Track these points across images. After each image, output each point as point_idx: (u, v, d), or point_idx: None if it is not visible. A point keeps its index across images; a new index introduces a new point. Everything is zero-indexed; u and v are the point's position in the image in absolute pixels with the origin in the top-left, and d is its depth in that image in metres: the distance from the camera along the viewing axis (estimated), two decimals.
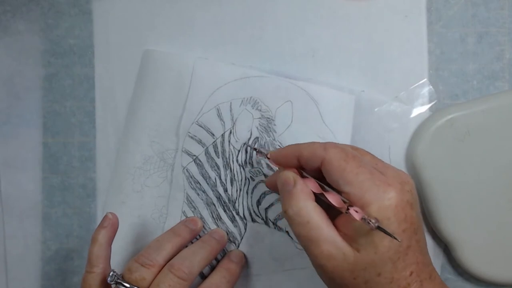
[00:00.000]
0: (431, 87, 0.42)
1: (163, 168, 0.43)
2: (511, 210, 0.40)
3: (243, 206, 0.42)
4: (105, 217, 0.38)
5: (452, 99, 0.42)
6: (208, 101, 0.42)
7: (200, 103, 0.42)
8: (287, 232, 0.42)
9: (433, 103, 0.42)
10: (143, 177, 0.43)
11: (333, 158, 0.32)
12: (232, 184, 0.42)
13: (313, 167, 0.34)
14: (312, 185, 0.33)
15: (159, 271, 0.36)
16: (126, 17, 0.44)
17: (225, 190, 0.42)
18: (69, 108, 0.44)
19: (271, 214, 0.42)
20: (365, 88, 0.42)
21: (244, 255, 0.42)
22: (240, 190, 0.42)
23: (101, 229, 0.37)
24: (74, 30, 0.44)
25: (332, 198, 0.32)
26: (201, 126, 0.42)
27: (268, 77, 0.42)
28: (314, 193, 0.33)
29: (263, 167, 0.41)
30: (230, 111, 0.42)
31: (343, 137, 0.41)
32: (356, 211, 0.30)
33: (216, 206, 0.42)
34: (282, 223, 0.41)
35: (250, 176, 0.42)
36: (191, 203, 0.42)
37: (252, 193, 0.42)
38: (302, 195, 0.33)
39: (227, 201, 0.42)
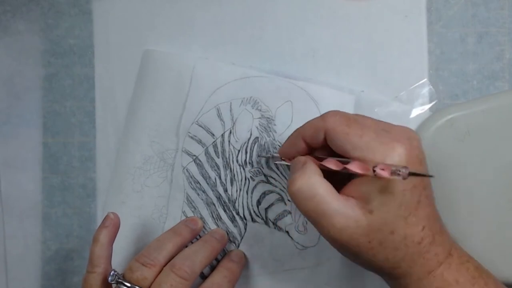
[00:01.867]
0: (431, 87, 0.42)
1: (163, 168, 0.43)
2: (511, 210, 0.40)
3: (243, 206, 0.42)
4: (106, 217, 0.38)
5: (452, 99, 0.42)
6: (208, 101, 0.42)
7: (200, 103, 0.42)
8: (287, 232, 0.42)
9: (433, 103, 0.42)
10: (143, 177, 0.43)
11: (335, 125, 0.32)
12: (232, 184, 0.42)
13: (320, 142, 0.33)
14: (332, 163, 0.33)
15: (160, 271, 0.36)
16: (126, 17, 0.44)
17: (225, 190, 0.42)
18: (69, 108, 0.44)
19: (271, 214, 0.42)
20: (365, 88, 0.42)
21: (244, 255, 0.42)
22: (240, 190, 0.42)
23: (102, 229, 0.37)
24: (74, 30, 0.44)
25: (355, 167, 0.31)
26: (201, 126, 0.42)
27: (268, 77, 0.42)
28: (326, 171, 0.33)
29: (263, 167, 0.41)
30: (230, 111, 0.42)
31: None
32: (383, 169, 0.29)
33: (216, 206, 0.42)
34: (282, 223, 0.41)
35: (250, 176, 0.42)
36: (191, 203, 0.42)
37: (252, 193, 0.42)
38: (307, 171, 0.32)
39: (227, 201, 0.42)
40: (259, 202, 0.42)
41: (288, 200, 0.41)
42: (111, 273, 0.36)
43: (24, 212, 0.45)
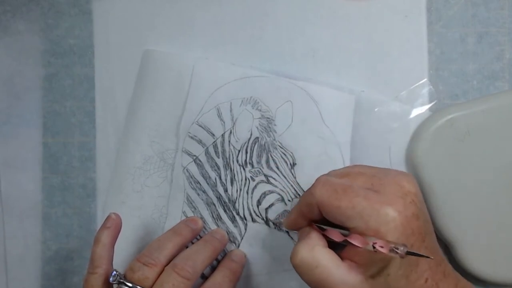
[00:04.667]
0: (431, 87, 0.42)
1: (163, 168, 0.43)
2: (511, 210, 0.40)
3: (243, 206, 0.42)
4: (108, 218, 0.38)
5: (452, 99, 0.42)
6: (208, 101, 0.42)
7: (200, 103, 0.42)
8: (287, 232, 0.42)
9: (433, 103, 0.42)
10: (143, 177, 0.43)
11: (324, 201, 0.32)
12: (232, 184, 0.42)
13: (318, 215, 0.34)
14: (334, 235, 0.33)
15: (162, 271, 0.36)
16: (126, 17, 0.44)
17: (225, 190, 0.42)
18: (69, 108, 0.44)
19: (271, 214, 0.42)
20: (365, 88, 0.42)
21: (245, 254, 0.42)
22: (240, 190, 0.42)
23: (104, 230, 0.37)
24: (74, 30, 0.44)
25: (355, 240, 0.31)
26: (201, 126, 0.42)
27: (268, 77, 0.42)
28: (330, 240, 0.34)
29: (263, 167, 0.41)
30: (230, 111, 0.42)
31: (343, 137, 0.41)
32: (382, 246, 0.30)
33: (216, 206, 0.42)
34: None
35: (250, 176, 0.42)
36: (191, 203, 0.42)
37: (252, 193, 0.42)
38: (310, 241, 0.33)
39: (227, 201, 0.42)
40: (259, 202, 0.42)
41: (289, 200, 0.41)
42: (113, 273, 0.36)
43: (24, 212, 0.45)
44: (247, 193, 0.42)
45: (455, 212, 0.40)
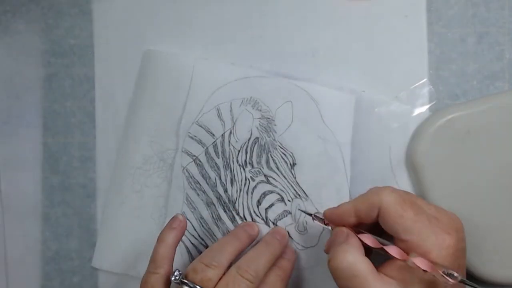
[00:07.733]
0: (431, 87, 0.42)
1: (162, 168, 0.43)
2: (511, 210, 0.40)
3: (243, 206, 0.42)
4: (175, 218, 0.38)
5: (452, 99, 0.42)
6: (208, 101, 0.42)
7: (200, 103, 0.42)
8: (287, 232, 0.42)
9: (433, 103, 0.42)
10: (143, 177, 0.43)
11: (390, 205, 0.33)
12: (232, 185, 0.42)
13: (373, 219, 0.34)
14: (369, 240, 0.34)
15: (224, 273, 0.36)
16: (126, 17, 0.44)
17: (225, 191, 0.42)
18: (69, 108, 0.44)
19: (271, 215, 0.42)
20: (365, 88, 0.42)
21: (295, 251, 0.41)
22: (240, 190, 0.42)
23: (169, 230, 0.37)
24: (74, 30, 0.44)
25: (393, 251, 0.32)
26: (201, 126, 0.42)
27: (268, 77, 0.42)
28: (367, 247, 0.34)
29: (263, 167, 0.41)
30: (230, 111, 0.42)
31: (343, 137, 0.41)
32: (425, 270, 0.30)
33: (216, 206, 0.42)
34: (282, 223, 0.41)
35: (250, 176, 0.42)
36: (191, 203, 0.42)
37: (252, 193, 0.42)
38: (350, 248, 0.33)
39: (227, 201, 0.42)
40: (259, 203, 0.42)
41: (288, 200, 0.41)
42: (175, 273, 0.35)
43: (24, 212, 0.45)
44: (247, 193, 0.42)
45: (455, 212, 0.40)
